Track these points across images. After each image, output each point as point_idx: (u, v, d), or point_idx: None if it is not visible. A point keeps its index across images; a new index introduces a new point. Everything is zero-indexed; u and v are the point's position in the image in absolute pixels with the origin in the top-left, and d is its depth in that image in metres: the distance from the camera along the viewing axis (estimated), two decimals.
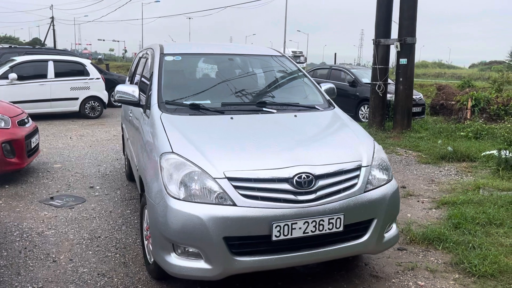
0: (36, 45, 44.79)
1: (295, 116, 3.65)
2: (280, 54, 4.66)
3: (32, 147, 6.14)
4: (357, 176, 3.07)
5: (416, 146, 8.81)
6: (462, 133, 9.62)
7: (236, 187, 2.78)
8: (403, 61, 9.97)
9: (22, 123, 6.03)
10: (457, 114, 11.63)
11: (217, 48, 4.62)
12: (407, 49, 9.88)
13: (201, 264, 2.79)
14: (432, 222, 4.69)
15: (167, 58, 4.14)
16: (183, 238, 2.76)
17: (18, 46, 19.65)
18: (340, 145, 3.34)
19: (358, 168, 3.10)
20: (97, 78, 11.71)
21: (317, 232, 2.86)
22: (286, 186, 2.84)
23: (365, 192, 3.05)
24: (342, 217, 2.90)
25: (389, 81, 11.27)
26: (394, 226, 3.37)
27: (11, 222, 4.46)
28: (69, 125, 10.86)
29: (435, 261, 3.76)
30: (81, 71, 11.67)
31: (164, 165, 2.94)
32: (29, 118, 6.47)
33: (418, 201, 5.50)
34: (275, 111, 3.69)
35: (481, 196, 5.44)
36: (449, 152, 7.90)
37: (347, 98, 12.54)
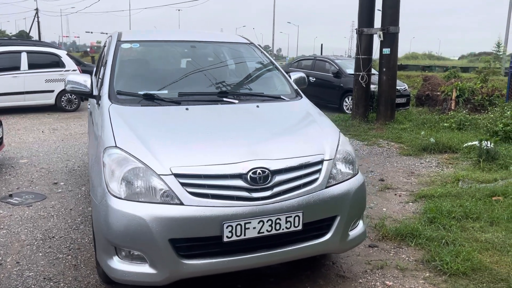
0: (23, 37, 43.92)
1: (257, 106, 3.42)
2: (248, 42, 4.41)
3: None
4: (319, 171, 2.85)
5: (399, 138, 8.64)
6: (445, 124, 9.46)
7: (183, 184, 2.54)
8: (386, 50, 9.76)
9: None
10: (442, 105, 11.47)
11: (181, 35, 4.35)
12: (390, 38, 9.67)
13: (145, 269, 2.56)
14: (407, 217, 4.50)
15: (124, 45, 3.87)
16: (125, 240, 2.52)
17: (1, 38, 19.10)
18: (301, 138, 3.11)
19: (320, 162, 2.88)
20: (74, 70, 11.33)
21: (274, 231, 2.64)
22: (239, 182, 2.61)
23: (327, 187, 2.83)
24: (300, 215, 2.68)
25: (374, 72, 11.07)
26: (360, 223, 3.17)
27: None
28: (43, 118, 10.52)
29: (406, 258, 3.57)
30: (57, 63, 11.30)
31: (106, 161, 2.69)
32: None
33: (395, 194, 5.32)
34: (236, 101, 3.45)
35: (459, 189, 5.27)
36: (431, 143, 7.73)
37: (331, 89, 12.34)
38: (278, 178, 2.69)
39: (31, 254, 3.56)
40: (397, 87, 11.44)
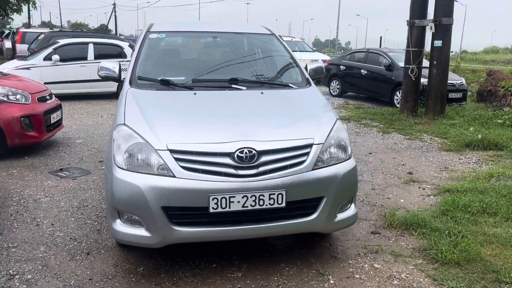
0: (103, 31, 46.89)
1: (262, 93, 3.64)
2: (270, 33, 4.62)
3: (52, 122, 6.55)
4: (307, 154, 3.03)
5: (444, 133, 8.39)
6: (499, 121, 9.02)
7: (177, 159, 2.85)
8: (438, 43, 9.46)
9: (42, 99, 6.45)
10: (500, 100, 10.87)
11: (205, 26, 4.67)
12: (442, 30, 9.35)
13: (142, 232, 2.91)
14: (423, 209, 4.51)
15: (151, 35, 4.26)
16: (125, 206, 2.89)
17: (66, 30, 20.76)
18: (294, 122, 3.30)
19: (309, 145, 3.06)
20: None
21: (257, 207, 2.87)
22: (227, 160, 2.87)
23: (313, 169, 3.01)
24: (284, 193, 2.89)
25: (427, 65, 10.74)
26: (352, 206, 3.30)
27: (16, 189, 4.84)
28: (105, 104, 11.41)
29: (404, 246, 3.64)
30: (119, 53, 12.17)
31: (115, 136, 3.07)
32: (52, 96, 6.89)
33: (419, 187, 5.29)
34: (244, 88, 3.70)
35: (488, 185, 5.13)
36: (476, 139, 7.46)
37: (383, 82, 12.14)
38: (265, 158, 2.91)
39: (65, 219, 4.08)
40: (452, 81, 11.06)
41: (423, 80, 10.26)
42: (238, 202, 2.84)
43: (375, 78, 12.43)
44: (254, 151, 2.90)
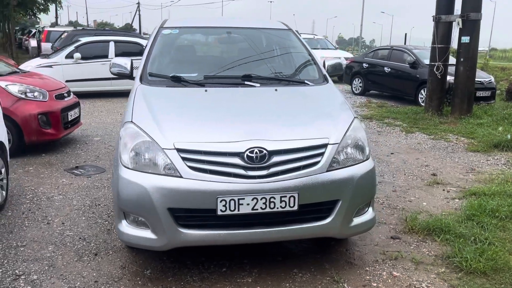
0: (127, 30, 47.48)
1: (276, 90, 3.49)
2: (287, 28, 4.46)
3: (70, 119, 6.55)
4: (321, 154, 2.86)
5: (471, 133, 8.04)
6: None
7: (184, 159, 2.73)
8: (465, 39, 9.09)
9: (60, 97, 6.45)
10: None
11: (219, 21, 4.54)
12: (470, 26, 8.98)
13: (147, 234, 2.80)
14: (446, 213, 4.27)
15: (164, 31, 4.15)
16: (130, 206, 2.79)
17: (88, 28, 21.01)
18: (308, 121, 3.13)
19: (323, 145, 2.89)
20: None
21: (268, 209, 2.73)
22: (236, 160, 2.73)
23: (328, 171, 2.84)
24: (296, 195, 2.73)
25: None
26: (369, 210, 3.12)
27: (30, 187, 4.83)
28: (125, 102, 11.35)
29: (426, 253, 3.43)
30: (140, 51, 12.16)
31: (122, 134, 2.97)
32: (70, 93, 6.90)
33: (443, 190, 5.04)
34: (258, 85, 3.55)
35: None
36: (505, 140, 7.12)
37: (407, 80, 11.78)
38: (276, 158, 2.76)
39: (76, 217, 4.02)
40: (480, 79, 10.65)
41: (449, 78, 9.89)
42: (248, 204, 2.70)
43: (399, 76, 12.08)
44: (265, 151, 2.75)
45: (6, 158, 4.40)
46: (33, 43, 18.57)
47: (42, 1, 29.60)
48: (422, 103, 11.28)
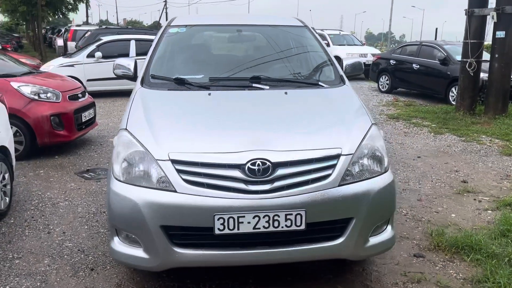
0: (155, 27, 47.89)
1: (286, 93, 3.19)
2: (302, 25, 4.14)
3: (84, 120, 6.42)
4: (332, 166, 2.55)
5: (506, 135, 7.51)
6: None
7: (179, 171, 2.47)
8: (500, 34, 8.50)
9: (74, 97, 6.33)
10: None
11: (231, 19, 4.25)
12: (506, 19, 8.39)
13: (140, 253, 2.56)
14: (478, 227, 3.87)
15: (171, 30, 3.91)
16: (122, 223, 2.56)
17: (111, 27, 21.09)
18: (319, 129, 2.82)
19: (335, 156, 2.57)
20: None
21: (272, 229, 2.44)
22: (236, 173, 2.45)
23: (340, 185, 2.53)
24: (303, 213, 2.43)
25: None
26: (388, 228, 2.78)
27: (38, 191, 4.70)
28: None
29: (454, 275, 3.06)
30: None
31: (115, 143, 2.75)
32: (85, 93, 6.78)
33: (475, 199, 4.62)
34: (267, 87, 3.26)
35: None
36: None
37: (437, 78, 11.21)
38: (281, 171, 2.47)
39: (78, 226, 3.84)
40: None
41: (483, 75, 9.31)
42: (249, 223, 2.42)
43: (428, 73, 11.52)
44: (268, 163, 2.46)
45: (11, 163, 4.26)
46: (59, 42, 18.82)
47: (71, 0, 30.08)
48: (453, 102, 10.70)
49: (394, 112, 9.89)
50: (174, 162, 2.49)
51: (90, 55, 11.29)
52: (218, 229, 2.41)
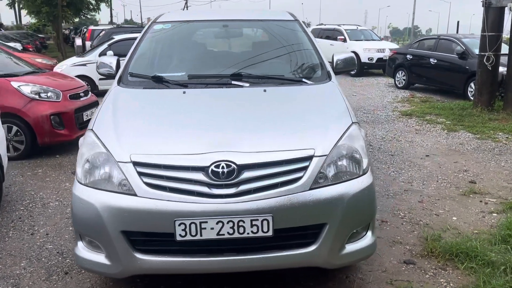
0: None
1: (264, 91, 3.03)
2: (293, 19, 3.96)
3: (85, 119, 6.40)
4: (304, 169, 2.39)
5: None
6: None
7: (141, 174, 2.36)
8: None
9: (75, 96, 6.31)
10: None
11: (218, 14, 4.12)
12: None
13: (102, 259, 2.46)
14: (479, 231, 3.63)
15: (156, 27, 3.81)
16: (83, 228, 2.47)
17: (125, 26, 21.21)
18: (293, 128, 2.64)
19: (308, 158, 2.41)
20: None
21: (237, 235, 2.30)
22: (200, 176, 2.32)
23: (311, 189, 2.36)
24: (270, 219, 2.28)
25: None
26: (368, 234, 2.60)
27: (31, 191, 4.68)
28: None
29: (444, 284, 2.85)
30: None
31: (80, 144, 2.66)
32: (88, 92, 6.76)
33: (481, 201, 4.35)
34: (247, 85, 3.12)
35: None
36: None
37: (455, 72, 10.78)
38: (247, 174, 2.32)
39: (63, 227, 3.78)
40: None
41: (502, 69, 8.89)
42: (212, 228, 2.28)
43: (446, 68, 11.10)
44: (233, 165, 2.32)
45: (1, 164, 4.24)
46: (78, 42, 19.08)
47: (93, 0, 30.58)
48: (471, 98, 10.27)
49: (408, 109, 9.56)
50: (135, 164, 2.38)
51: (102, 54, 11.31)
52: (180, 235, 2.29)
